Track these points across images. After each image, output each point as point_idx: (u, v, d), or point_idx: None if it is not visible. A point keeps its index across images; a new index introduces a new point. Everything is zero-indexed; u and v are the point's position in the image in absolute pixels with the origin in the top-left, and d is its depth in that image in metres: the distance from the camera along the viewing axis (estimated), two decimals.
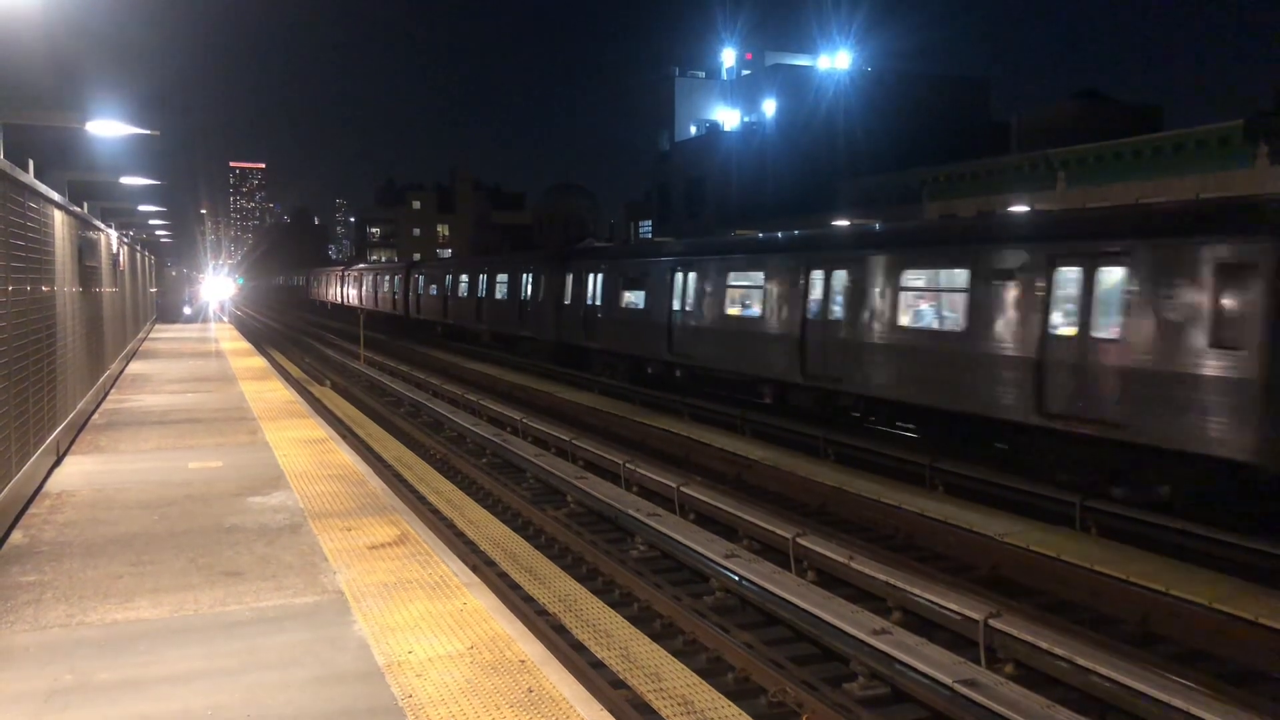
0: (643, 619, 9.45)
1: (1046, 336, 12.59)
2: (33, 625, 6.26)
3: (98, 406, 16.36)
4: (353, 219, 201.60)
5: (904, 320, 15.26)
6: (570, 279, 28.21)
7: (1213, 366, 10.69)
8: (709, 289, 20.70)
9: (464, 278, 39.66)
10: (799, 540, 10.80)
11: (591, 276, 26.90)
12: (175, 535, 8.37)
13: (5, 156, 9.30)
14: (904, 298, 15.35)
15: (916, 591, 9.19)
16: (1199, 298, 10.92)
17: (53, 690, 5.30)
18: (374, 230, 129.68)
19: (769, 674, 7.94)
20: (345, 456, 12.21)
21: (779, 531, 11.25)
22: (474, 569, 8.56)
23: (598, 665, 8.03)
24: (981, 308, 13.59)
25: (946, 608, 8.79)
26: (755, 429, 18.41)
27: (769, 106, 59.65)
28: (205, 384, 20.09)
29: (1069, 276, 12.49)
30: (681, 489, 13.35)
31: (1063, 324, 12.53)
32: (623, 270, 25.28)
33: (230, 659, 5.74)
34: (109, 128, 13.09)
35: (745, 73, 66.91)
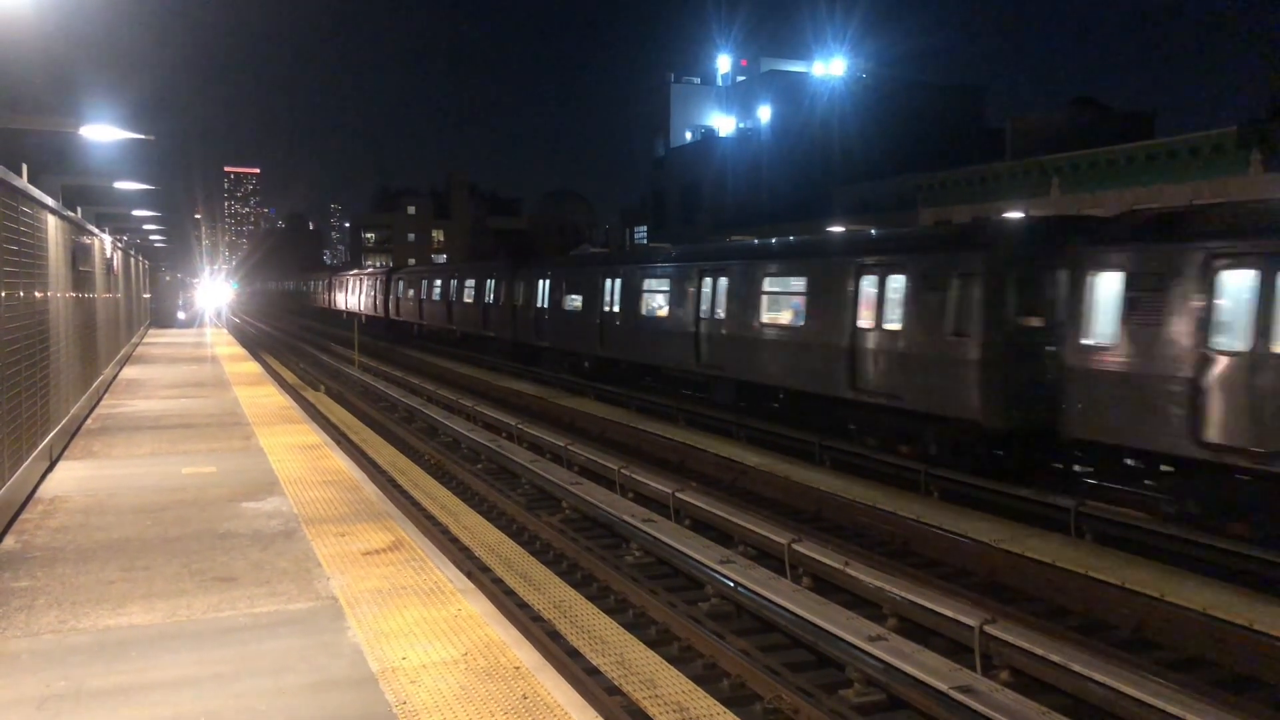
0: (638, 625, 9.43)
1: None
2: (25, 631, 6.22)
3: (91, 411, 16.30)
4: (348, 224, 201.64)
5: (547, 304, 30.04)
6: (391, 284, 51.33)
7: None
8: (457, 289, 39.37)
9: (351, 283, 62.21)
10: (794, 546, 10.79)
11: (401, 283, 49.58)
12: (169, 541, 8.33)
13: None
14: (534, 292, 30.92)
15: (912, 598, 9.19)
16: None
17: (45, 697, 5.26)
18: (369, 235, 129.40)
19: (765, 680, 7.92)
20: (339, 462, 12.17)
21: (774, 537, 11.24)
22: (469, 575, 8.53)
23: (593, 672, 8.01)
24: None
25: (942, 614, 8.78)
26: (750, 435, 18.41)
27: (764, 113, 59.78)
28: (199, 389, 20.03)
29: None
30: (677, 495, 13.33)
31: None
32: (411, 281, 47.90)
33: (224, 665, 5.71)
34: (103, 132, 13.08)
35: (741, 79, 67.08)
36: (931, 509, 12.61)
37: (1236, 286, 10.84)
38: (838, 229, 34.66)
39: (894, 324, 15.04)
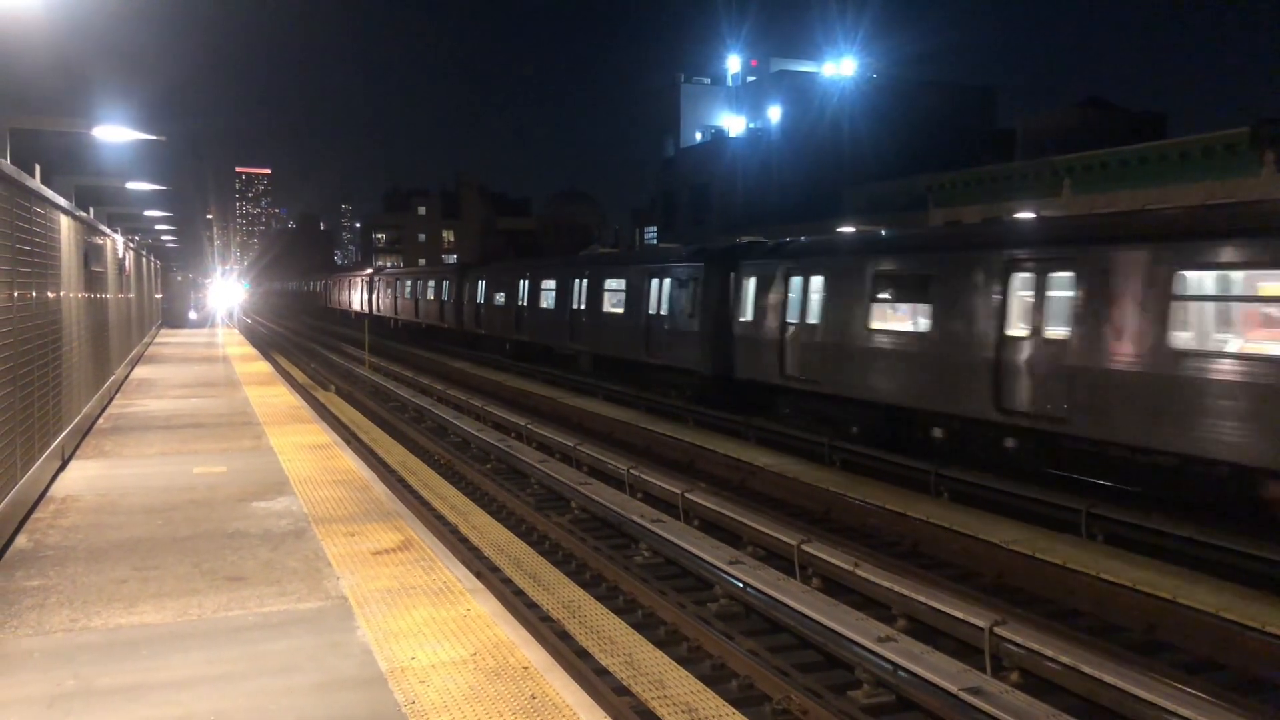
0: (647, 625, 9.42)
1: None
2: (36, 630, 6.26)
3: (103, 411, 16.37)
4: (358, 224, 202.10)
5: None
6: (374, 285, 57.91)
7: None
8: (422, 289, 46.62)
9: (345, 284, 68.89)
10: (804, 547, 10.77)
11: (381, 284, 56.35)
12: (179, 540, 8.36)
13: (12, 161, 9.32)
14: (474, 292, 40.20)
15: (922, 599, 9.16)
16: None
17: (55, 695, 5.28)
18: (380, 236, 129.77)
19: (773, 681, 7.91)
20: (349, 462, 12.20)
21: (783, 538, 11.22)
22: (478, 575, 8.55)
23: (601, 672, 8.01)
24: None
25: (952, 615, 8.75)
26: (760, 436, 18.38)
27: (774, 113, 59.70)
28: (210, 389, 20.11)
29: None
30: (686, 495, 13.32)
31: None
32: (389, 282, 54.57)
33: (233, 664, 5.73)
34: (116, 133, 13.14)
35: (751, 79, 67.00)
36: (941, 510, 12.58)
37: (796, 285, 18.16)
38: (847, 229, 34.73)
39: (664, 311, 22.94)
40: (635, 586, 10.36)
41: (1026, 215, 28.15)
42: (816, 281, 17.52)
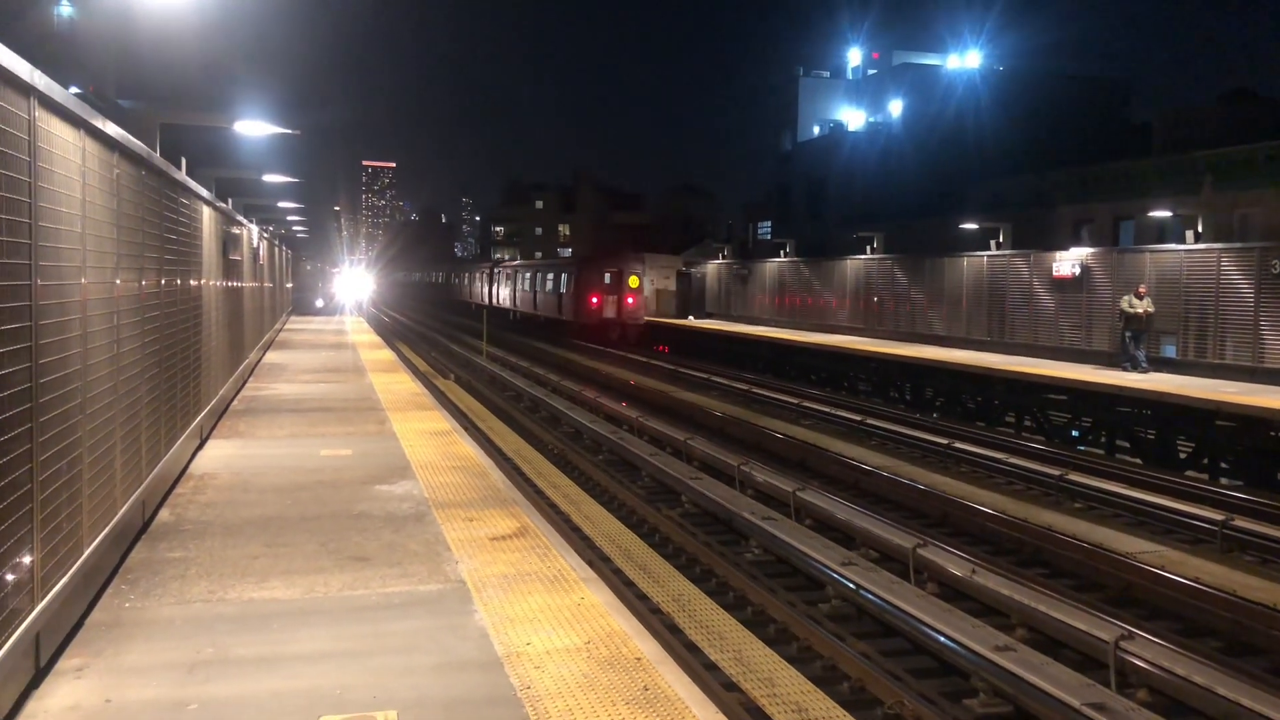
0: (756, 623, 9.38)
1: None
2: (178, 599, 6.60)
3: (237, 393, 17.14)
4: (478, 218, 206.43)
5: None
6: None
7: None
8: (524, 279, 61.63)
9: (497, 275, 71.62)
10: (919, 551, 10.55)
11: (484, 275, 67.27)
12: (307, 520, 8.70)
13: (161, 155, 9.82)
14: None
15: (1043, 609, 8.87)
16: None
17: (195, 662, 5.57)
18: (499, 229, 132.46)
19: (885, 685, 7.78)
20: (468, 448, 12.48)
21: (898, 541, 11.01)
22: (590, 564, 8.63)
23: (711, 667, 8.02)
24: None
25: (1074, 627, 8.45)
26: (877, 435, 18.09)
27: (895, 107, 58.47)
28: (336, 375, 20.84)
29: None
30: (797, 494, 13.20)
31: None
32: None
33: (357, 642, 5.93)
34: (254, 127, 13.74)
35: (871, 72, 65.75)
36: (1064, 518, 12.17)
37: (500, 277, 62.57)
38: (970, 225, 33.96)
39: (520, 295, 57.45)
40: (745, 583, 10.33)
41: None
42: (501, 276, 59.65)
